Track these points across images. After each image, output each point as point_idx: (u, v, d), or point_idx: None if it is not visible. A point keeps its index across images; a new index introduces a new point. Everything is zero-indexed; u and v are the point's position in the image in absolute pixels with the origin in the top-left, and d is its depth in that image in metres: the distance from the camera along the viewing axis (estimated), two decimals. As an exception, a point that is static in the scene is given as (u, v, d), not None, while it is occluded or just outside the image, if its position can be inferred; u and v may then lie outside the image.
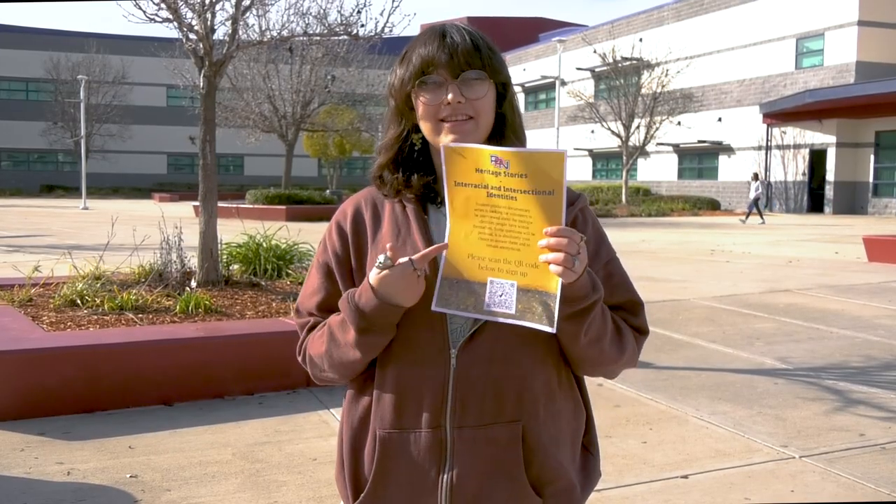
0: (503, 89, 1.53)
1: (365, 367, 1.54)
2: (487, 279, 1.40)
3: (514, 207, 1.37)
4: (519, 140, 1.55)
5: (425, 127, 1.51)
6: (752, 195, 28.05)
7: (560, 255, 1.34)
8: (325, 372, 1.57)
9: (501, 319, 1.41)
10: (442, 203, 1.54)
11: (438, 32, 1.50)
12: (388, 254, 1.40)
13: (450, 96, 1.46)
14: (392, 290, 1.41)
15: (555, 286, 1.37)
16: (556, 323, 1.37)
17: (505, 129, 1.53)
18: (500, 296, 1.40)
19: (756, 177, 29.36)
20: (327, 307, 1.58)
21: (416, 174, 1.54)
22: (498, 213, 1.38)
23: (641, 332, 1.60)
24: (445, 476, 1.47)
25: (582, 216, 1.57)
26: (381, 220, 1.56)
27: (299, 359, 1.64)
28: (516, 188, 1.36)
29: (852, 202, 33.50)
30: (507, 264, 1.39)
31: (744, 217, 28.00)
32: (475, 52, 1.47)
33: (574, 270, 1.35)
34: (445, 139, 1.48)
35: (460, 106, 1.46)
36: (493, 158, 1.36)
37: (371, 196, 1.60)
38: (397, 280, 1.40)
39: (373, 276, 1.42)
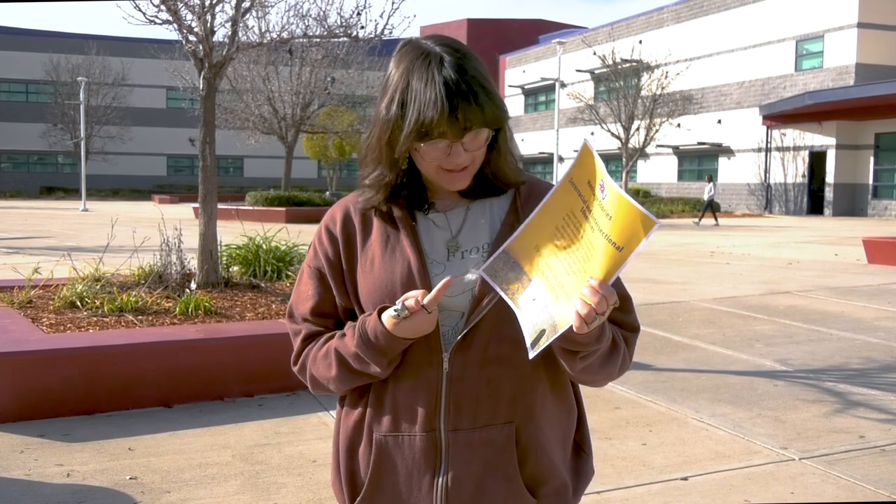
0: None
1: None
2: (535, 277, 1.39)
3: (588, 237, 1.34)
4: (507, 164, 1.52)
5: (423, 168, 1.48)
6: (706, 196, 28.32)
7: (588, 309, 1.29)
8: (329, 390, 1.58)
9: (519, 321, 1.39)
10: (430, 209, 1.54)
11: (434, 69, 1.41)
12: (407, 303, 1.40)
13: (455, 159, 1.43)
14: (409, 332, 1.42)
15: (563, 326, 1.34)
16: (535, 356, 1.36)
17: (496, 156, 1.51)
18: (533, 300, 1.38)
19: (710, 178, 29.61)
20: (321, 312, 1.58)
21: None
22: (577, 230, 1.36)
23: (633, 329, 1.56)
24: (441, 479, 1.47)
25: None
26: (370, 227, 1.55)
27: (295, 369, 1.62)
28: (597, 222, 1.32)
29: (852, 204, 33.52)
30: (555, 278, 1.37)
31: (713, 219, 28.20)
32: (478, 109, 1.41)
33: (590, 326, 1.31)
34: (444, 182, 1.47)
35: (461, 159, 1.45)
36: (601, 182, 1.33)
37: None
38: (414, 325, 1.41)
39: (388, 322, 1.42)
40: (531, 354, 1.35)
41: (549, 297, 1.36)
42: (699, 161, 41.00)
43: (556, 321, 1.35)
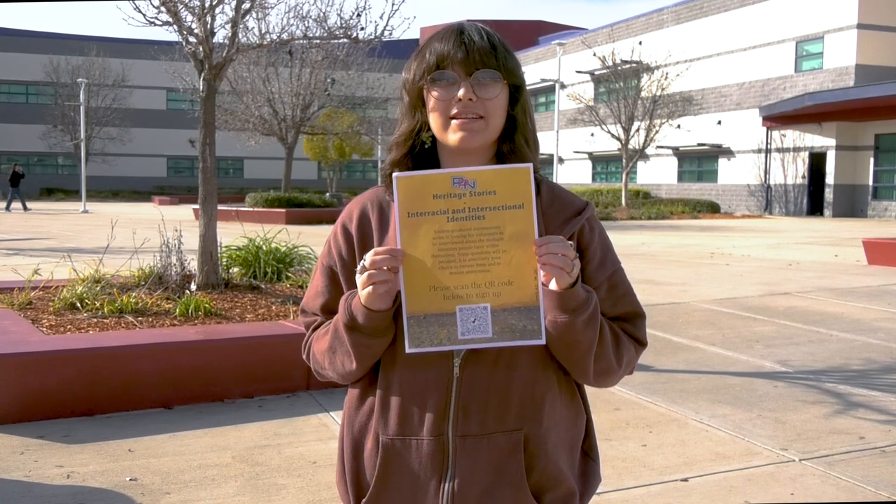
0: (517, 91, 1.52)
1: (363, 374, 1.54)
2: (456, 308, 1.37)
3: (483, 227, 1.35)
4: (528, 144, 1.54)
5: (435, 122, 1.49)
6: None
7: (560, 260, 1.33)
8: (326, 370, 1.57)
9: (480, 345, 1.38)
10: None
11: (456, 29, 1.49)
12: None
13: (461, 92, 1.44)
14: (363, 298, 1.41)
15: (535, 298, 1.35)
16: (543, 334, 1.36)
17: (515, 133, 1.52)
18: (474, 322, 1.37)
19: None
20: (329, 310, 1.58)
21: None
22: (462, 236, 1.35)
23: (640, 343, 1.58)
24: (447, 484, 1.47)
25: (589, 225, 1.56)
26: (387, 224, 1.54)
27: (304, 356, 1.64)
28: (485, 206, 1.35)
29: (852, 205, 33.52)
30: (476, 288, 1.36)
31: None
32: (491, 52, 1.46)
33: (571, 275, 1.36)
34: (454, 136, 1.47)
35: (471, 104, 1.45)
36: (456, 180, 1.34)
37: (377, 197, 1.58)
38: (360, 285, 1.40)
39: (357, 279, 1.42)
40: (542, 340, 1.37)
41: (487, 304, 1.36)
42: (699, 162, 41.00)
43: (519, 303, 1.36)
